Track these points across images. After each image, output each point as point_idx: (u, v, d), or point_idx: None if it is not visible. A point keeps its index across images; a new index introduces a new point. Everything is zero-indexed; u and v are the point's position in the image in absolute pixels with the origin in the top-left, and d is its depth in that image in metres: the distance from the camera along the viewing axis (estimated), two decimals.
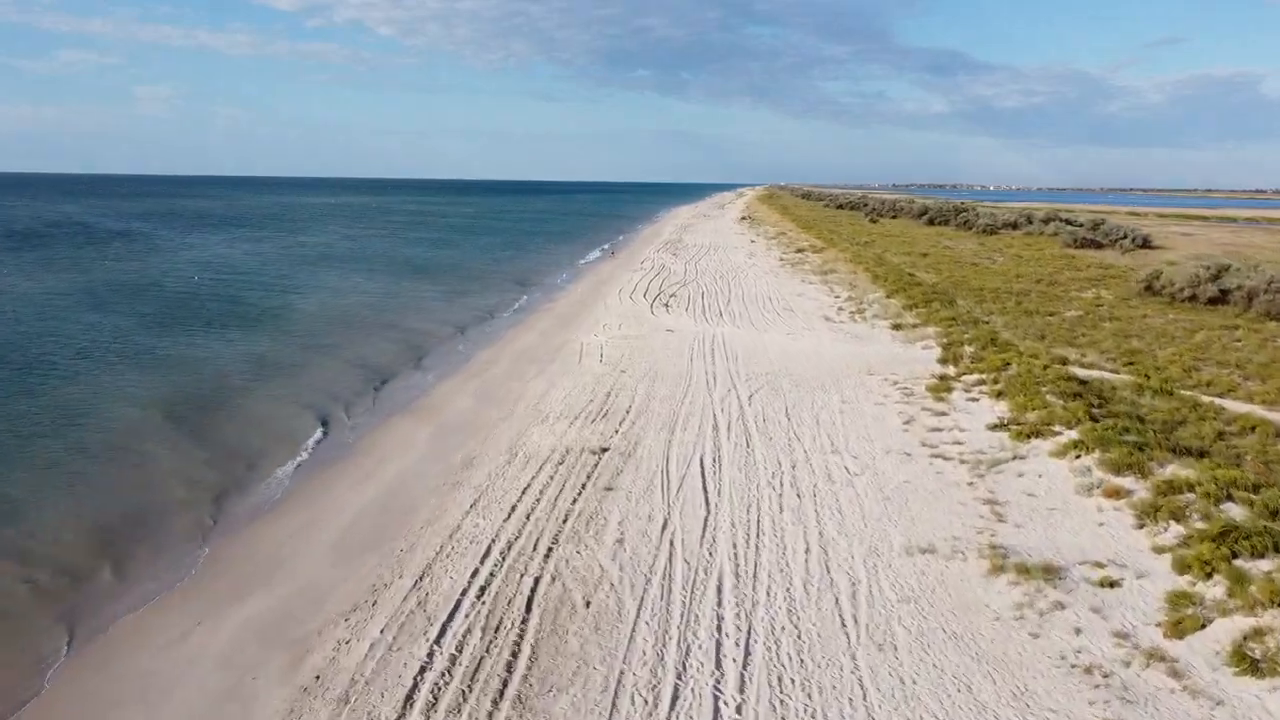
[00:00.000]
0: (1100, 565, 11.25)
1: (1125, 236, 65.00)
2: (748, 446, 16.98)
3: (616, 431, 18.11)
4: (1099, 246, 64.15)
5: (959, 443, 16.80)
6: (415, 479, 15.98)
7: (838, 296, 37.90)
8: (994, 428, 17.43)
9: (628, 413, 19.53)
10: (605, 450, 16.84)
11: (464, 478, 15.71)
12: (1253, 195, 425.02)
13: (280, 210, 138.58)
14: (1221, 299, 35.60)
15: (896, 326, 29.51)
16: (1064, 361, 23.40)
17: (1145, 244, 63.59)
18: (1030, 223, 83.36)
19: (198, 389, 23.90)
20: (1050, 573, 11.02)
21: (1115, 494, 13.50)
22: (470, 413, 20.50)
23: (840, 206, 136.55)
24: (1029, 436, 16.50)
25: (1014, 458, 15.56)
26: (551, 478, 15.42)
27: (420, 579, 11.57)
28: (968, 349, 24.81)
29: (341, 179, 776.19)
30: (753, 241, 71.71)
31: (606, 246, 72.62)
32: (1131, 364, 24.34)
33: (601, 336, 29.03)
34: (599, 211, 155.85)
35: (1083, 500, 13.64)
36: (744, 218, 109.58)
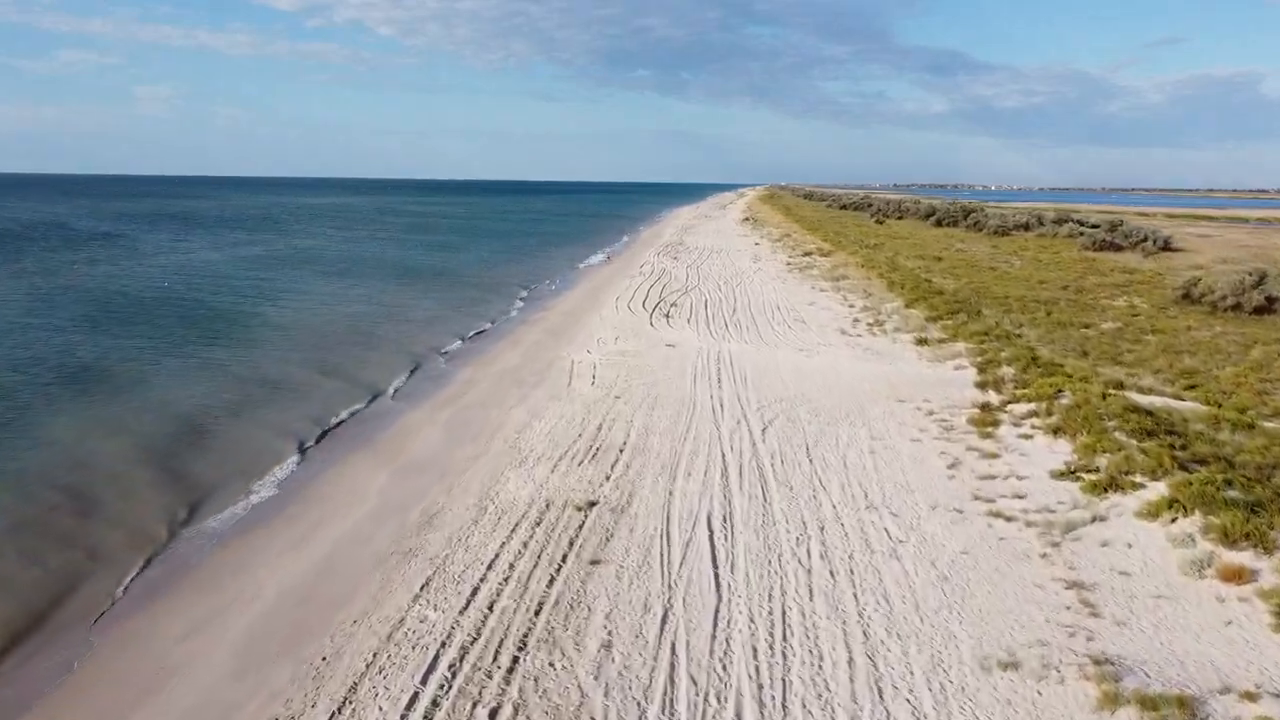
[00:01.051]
0: (1250, 696, 8.38)
1: (1146, 239, 62.21)
2: (764, 499, 14.12)
3: (607, 478, 15.24)
4: (1119, 249, 61.38)
5: (1019, 496, 13.94)
6: (360, 544, 13.10)
7: (852, 306, 35.04)
8: (1060, 475, 14.56)
9: (621, 452, 16.66)
10: (593, 505, 13.98)
11: (419, 544, 12.83)
12: (1255, 195, 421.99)
13: (274, 211, 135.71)
14: (1267, 308, 32.79)
15: (921, 341, 26.63)
16: (1119, 386, 20.53)
17: (1166, 246, 60.85)
18: (1041, 224, 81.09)
19: (138, 414, 21.07)
20: (1185, 708, 8.16)
21: (1235, 576, 10.64)
22: (439, 450, 17.62)
23: (844, 207, 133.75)
24: (1105, 489, 13.63)
25: (1093, 519, 12.69)
26: (525, 544, 12.56)
27: (338, 711, 8.70)
28: (1007, 370, 21.96)
29: (341, 179, 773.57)
30: (757, 244, 68.85)
31: (605, 252, 69.75)
32: (1193, 387, 21.49)
33: (595, 353, 26.16)
34: (598, 212, 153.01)
35: (1193, 584, 10.78)
36: (746, 219, 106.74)
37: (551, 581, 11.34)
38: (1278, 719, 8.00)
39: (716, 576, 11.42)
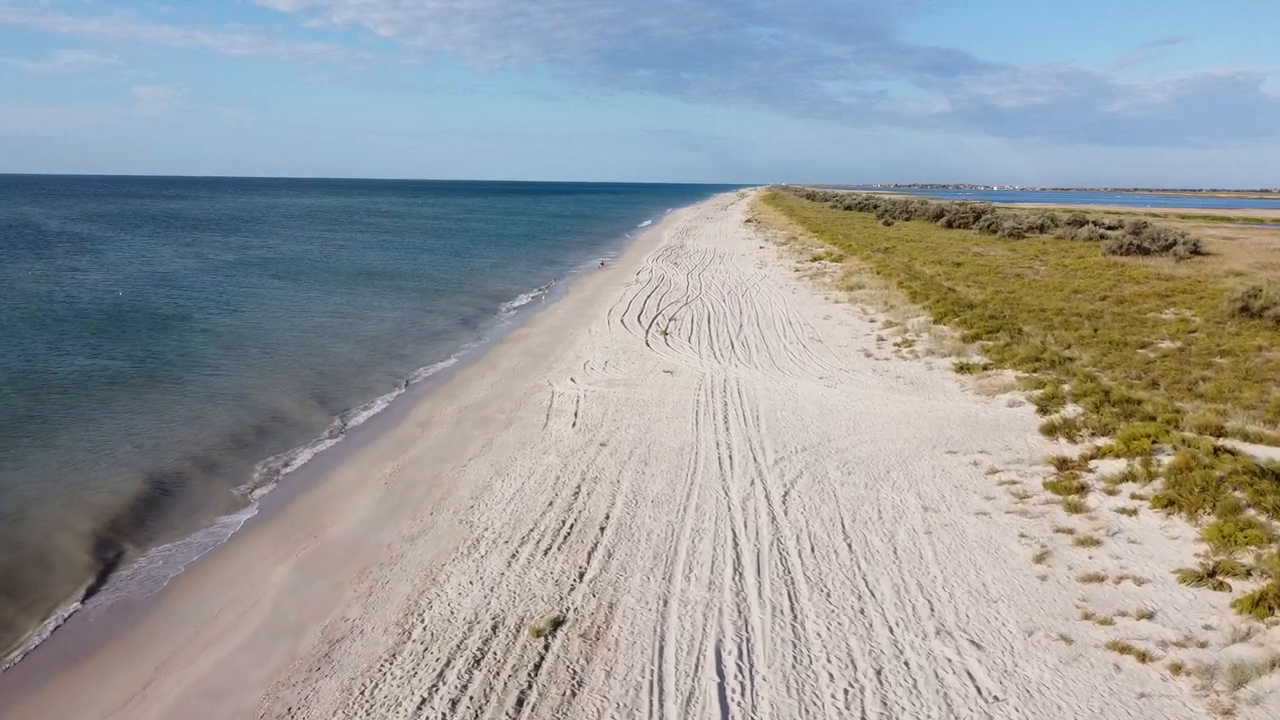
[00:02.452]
0: None
1: (1174, 243, 58.45)
2: (793, 615, 10.29)
3: (581, 576, 11.41)
4: (1146, 253, 57.60)
5: (1146, 614, 10.08)
6: (220, 697, 9.22)
7: (873, 321, 31.20)
8: (1195, 580, 10.71)
9: (603, 531, 12.83)
10: (558, 625, 10.14)
11: (303, 698, 8.98)
12: (1260, 195, 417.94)
13: (265, 213, 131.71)
14: None
15: (962, 368, 22.76)
16: (1220, 432, 16.68)
17: (1195, 250, 57.10)
18: (1056, 225, 77.91)
19: (27, 463, 17.25)
20: None
21: None
22: (367, 527, 13.76)
23: (849, 208, 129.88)
24: (1270, 608, 9.80)
25: (1272, 665, 8.84)
26: (454, 704, 8.71)
27: None
28: (1073, 409, 18.15)
29: (340, 180, 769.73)
30: (761, 248, 65.01)
31: (601, 257, 65.86)
32: None
33: (580, 382, 22.32)
34: (596, 214, 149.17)
35: None
36: (749, 220, 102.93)
37: None
38: None
39: None
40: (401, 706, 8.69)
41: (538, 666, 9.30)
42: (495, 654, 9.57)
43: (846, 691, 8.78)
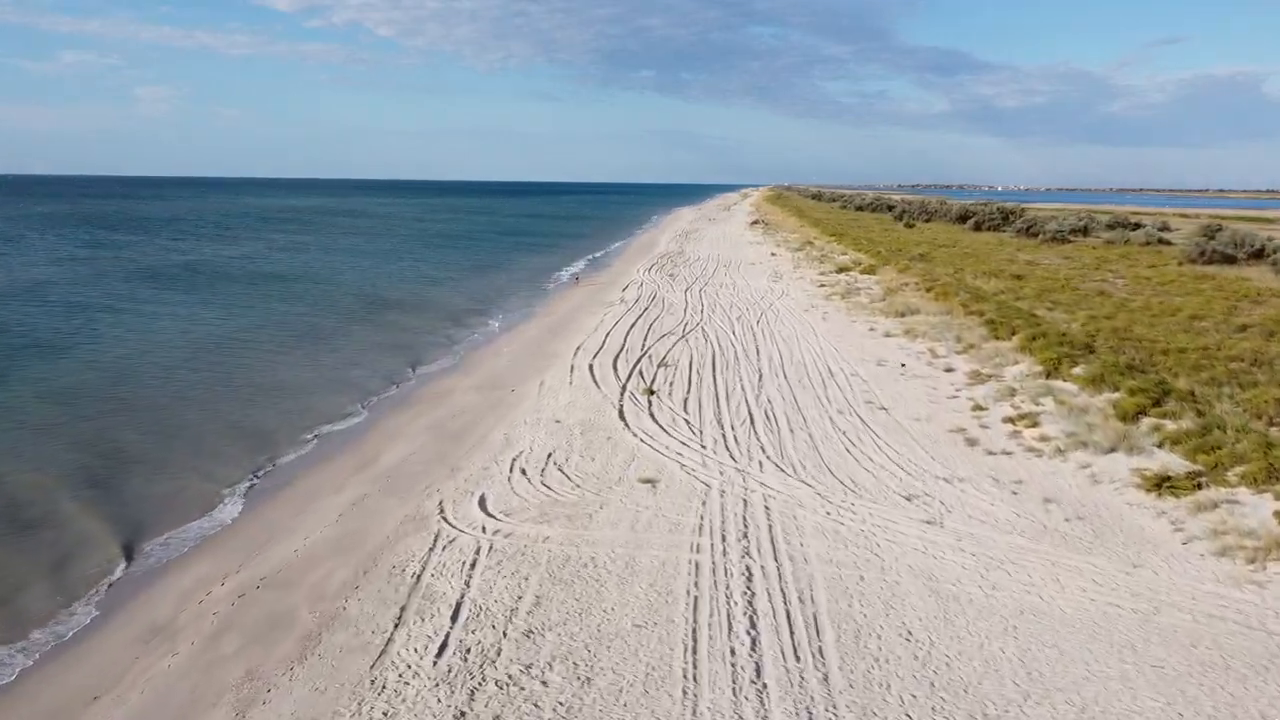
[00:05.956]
0: None
1: (1263, 249, 49.19)
2: None
3: None
4: (1230, 260, 48.31)
5: None
6: None
7: (950, 369, 21.66)
8: None
9: None
10: None
11: None
12: (1269, 195, 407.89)
13: (237, 213, 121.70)
14: None
15: (1159, 485, 13.20)
16: None
17: None
18: (1097, 226, 69.55)
19: None
20: None
21: None
22: None
23: (860, 209, 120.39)
24: None
25: None
26: None
27: None
28: None
29: (340, 180, 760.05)
30: (773, 254, 55.43)
31: (584, 263, 56.30)
32: None
33: (494, 507, 12.81)
34: (593, 215, 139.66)
35: None
36: (755, 222, 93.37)
37: None
38: None
39: None
40: None
41: None
42: None
43: None
